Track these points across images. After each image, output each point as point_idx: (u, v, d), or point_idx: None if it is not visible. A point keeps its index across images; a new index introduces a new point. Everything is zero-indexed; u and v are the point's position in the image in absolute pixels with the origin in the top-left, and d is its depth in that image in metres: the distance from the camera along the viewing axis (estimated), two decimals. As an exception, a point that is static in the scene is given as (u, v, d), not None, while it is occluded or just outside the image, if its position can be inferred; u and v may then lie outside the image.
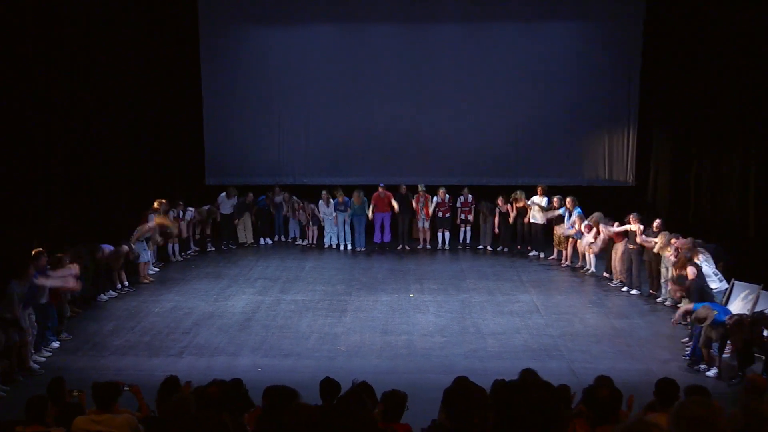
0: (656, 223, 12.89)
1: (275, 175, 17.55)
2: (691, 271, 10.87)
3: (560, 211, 15.32)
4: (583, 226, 14.49)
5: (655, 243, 12.49)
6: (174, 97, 17.29)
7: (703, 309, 9.86)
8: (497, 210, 16.31)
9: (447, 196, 16.53)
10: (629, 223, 13.22)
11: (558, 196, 15.50)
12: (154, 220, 14.17)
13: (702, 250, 11.36)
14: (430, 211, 16.54)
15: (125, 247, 13.50)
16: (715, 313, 9.73)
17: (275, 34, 17.95)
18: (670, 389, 6.06)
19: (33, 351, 10.13)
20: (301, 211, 16.92)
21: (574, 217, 14.73)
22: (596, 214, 14.15)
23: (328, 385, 6.01)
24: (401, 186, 16.52)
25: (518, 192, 16.08)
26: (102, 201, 14.41)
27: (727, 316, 9.63)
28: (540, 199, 15.83)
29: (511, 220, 16.22)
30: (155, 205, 14.62)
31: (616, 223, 13.57)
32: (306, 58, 17.78)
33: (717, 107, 14.00)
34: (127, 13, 15.53)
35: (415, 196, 16.47)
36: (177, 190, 16.36)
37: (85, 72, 14.13)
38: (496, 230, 16.45)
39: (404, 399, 5.96)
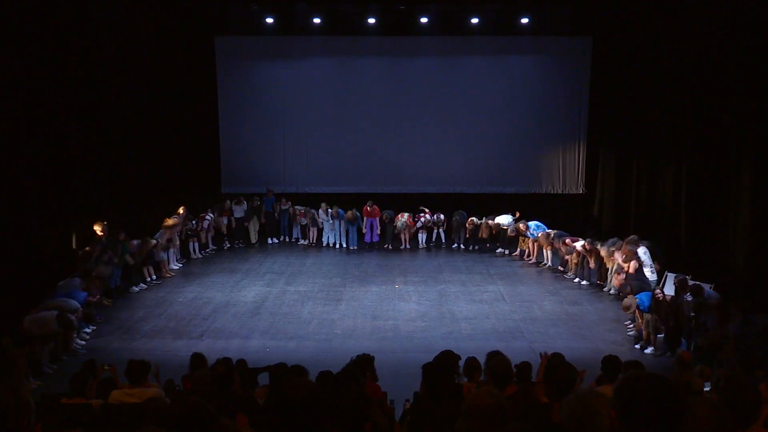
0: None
1: (281, 184, 17.51)
2: (632, 266, 11.00)
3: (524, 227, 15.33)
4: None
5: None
6: (195, 119, 17.37)
7: (627, 299, 10.10)
8: (466, 224, 16.26)
9: (426, 216, 16.48)
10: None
11: (522, 222, 15.50)
12: (169, 222, 14.17)
13: (643, 243, 11.55)
14: (412, 231, 16.51)
15: (153, 241, 13.44)
16: (637, 301, 9.94)
17: (280, 66, 17.93)
18: (614, 364, 6.14)
19: (75, 335, 10.11)
20: (302, 217, 16.88)
21: (537, 232, 14.80)
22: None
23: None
24: (384, 216, 16.43)
25: (485, 219, 16.08)
26: (131, 206, 14.38)
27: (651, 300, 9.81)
28: (504, 218, 15.86)
29: (484, 233, 16.11)
30: (180, 210, 14.66)
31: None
32: (306, 86, 17.78)
33: (654, 126, 14.10)
34: (157, 50, 15.61)
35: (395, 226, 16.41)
36: (197, 197, 16.34)
37: (123, 99, 14.20)
38: (468, 234, 16.42)
39: (370, 360, 6.00)
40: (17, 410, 4.70)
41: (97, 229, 11.87)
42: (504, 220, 15.85)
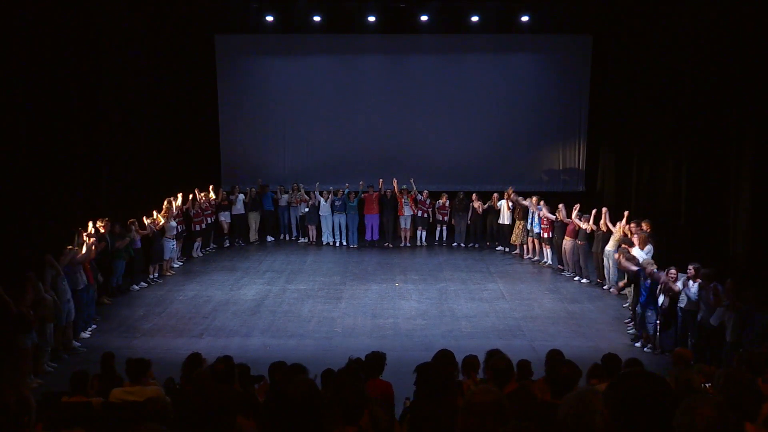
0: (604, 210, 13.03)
1: (280, 181, 17.53)
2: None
3: (525, 203, 15.22)
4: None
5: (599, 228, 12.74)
6: (195, 116, 17.39)
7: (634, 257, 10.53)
8: (471, 206, 16.30)
9: (429, 199, 16.55)
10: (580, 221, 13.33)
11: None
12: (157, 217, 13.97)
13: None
14: (413, 207, 16.42)
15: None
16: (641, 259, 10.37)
17: (280, 63, 17.99)
18: (614, 362, 6.14)
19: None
20: (302, 203, 16.80)
21: (544, 210, 14.62)
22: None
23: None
24: (387, 191, 16.53)
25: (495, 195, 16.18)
26: (130, 204, 14.38)
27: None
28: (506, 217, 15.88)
29: (479, 211, 16.13)
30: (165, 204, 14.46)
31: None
32: (306, 83, 17.81)
33: (654, 124, 14.10)
34: (157, 48, 15.70)
35: (400, 193, 16.46)
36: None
37: (124, 96, 14.25)
38: (469, 221, 16.38)
39: (382, 357, 6.00)
40: (18, 407, 4.70)
41: (100, 225, 11.78)
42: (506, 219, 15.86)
